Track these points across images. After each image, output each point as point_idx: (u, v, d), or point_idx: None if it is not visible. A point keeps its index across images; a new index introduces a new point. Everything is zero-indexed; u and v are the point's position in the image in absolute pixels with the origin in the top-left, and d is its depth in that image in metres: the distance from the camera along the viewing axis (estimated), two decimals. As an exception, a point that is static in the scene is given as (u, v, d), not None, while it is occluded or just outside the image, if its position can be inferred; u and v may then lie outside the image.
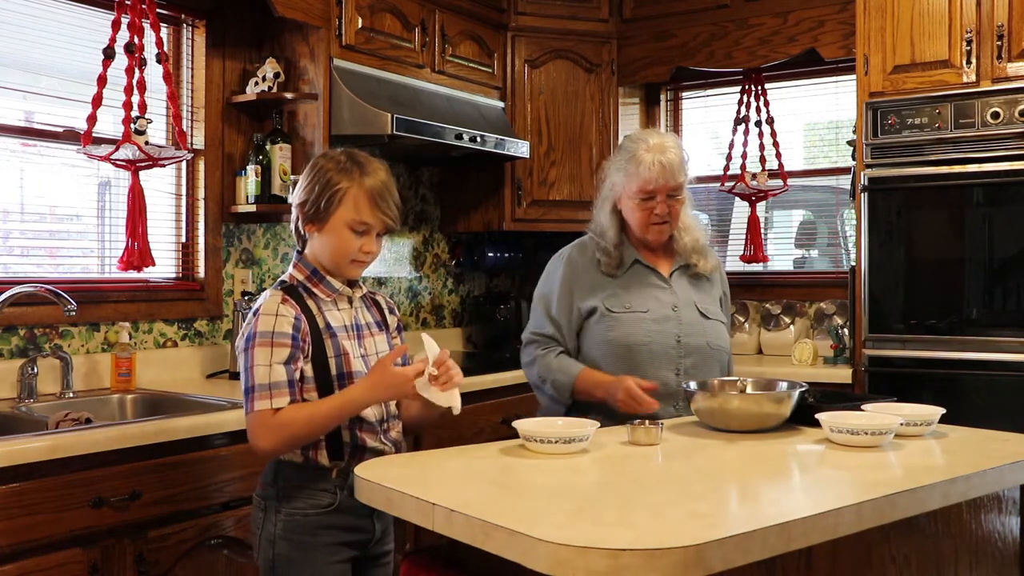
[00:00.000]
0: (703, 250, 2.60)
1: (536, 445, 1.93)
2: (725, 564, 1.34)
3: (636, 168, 2.46)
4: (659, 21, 4.29)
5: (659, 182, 2.44)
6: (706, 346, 2.51)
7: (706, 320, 2.54)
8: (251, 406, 1.93)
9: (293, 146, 3.35)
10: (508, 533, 1.39)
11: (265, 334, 1.95)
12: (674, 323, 2.49)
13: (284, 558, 1.99)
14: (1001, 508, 2.09)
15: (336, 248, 2.03)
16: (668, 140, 2.50)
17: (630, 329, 2.46)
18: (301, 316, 1.99)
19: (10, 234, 3.01)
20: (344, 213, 2.01)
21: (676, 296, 2.54)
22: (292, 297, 2.02)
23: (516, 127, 4.17)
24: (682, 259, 2.59)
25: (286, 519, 2.00)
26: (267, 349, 1.94)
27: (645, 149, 2.46)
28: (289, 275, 2.10)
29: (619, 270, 2.55)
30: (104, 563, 2.24)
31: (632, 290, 2.52)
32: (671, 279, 2.57)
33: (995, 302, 3.36)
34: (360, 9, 3.44)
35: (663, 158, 2.44)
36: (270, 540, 2.00)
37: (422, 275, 4.27)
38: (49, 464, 2.14)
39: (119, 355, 2.96)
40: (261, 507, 2.05)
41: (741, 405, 2.17)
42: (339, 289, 2.08)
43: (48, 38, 2.98)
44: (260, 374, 1.93)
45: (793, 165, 4.38)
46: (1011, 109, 3.26)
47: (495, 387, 3.46)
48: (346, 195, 2.00)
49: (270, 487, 2.04)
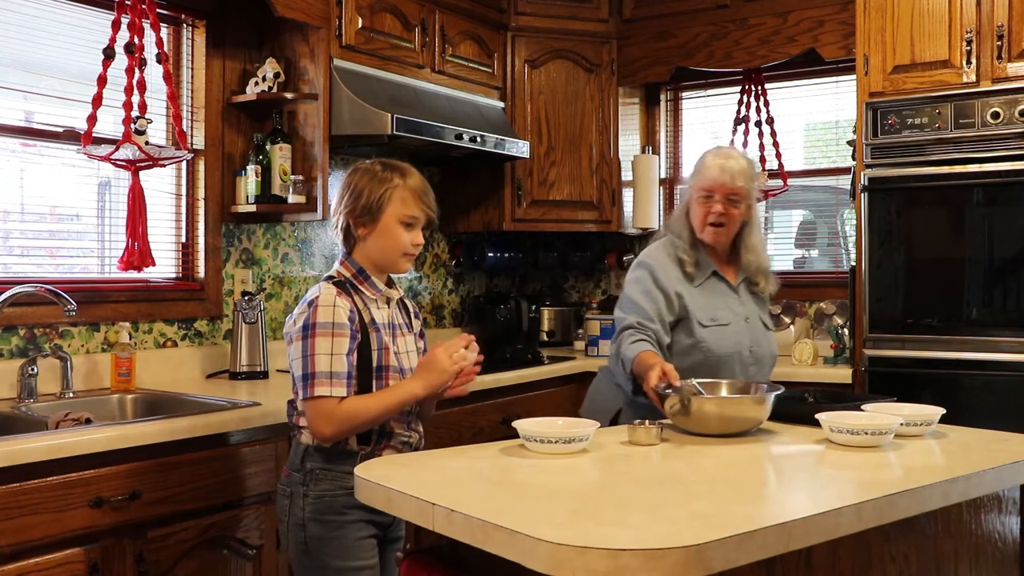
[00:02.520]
0: (766, 273, 2.76)
1: (536, 445, 1.93)
2: (725, 564, 1.34)
3: (701, 168, 2.67)
4: (659, 21, 4.29)
5: (718, 181, 2.60)
6: (768, 355, 2.71)
7: (767, 331, 2.74)
8: (311, 391, 2.04)
9: (293, 146, 3.35)
10: (508, 533, 1.39)
11: (326, 324, 2.07)
12: (748, 333, 2.65)
13: (316, 538, 2.10)
14: (1001, 508, 2.09)
15: (390, 244, 2.19)
16: (735, 151, 2.74)
17: (720, 341, 2.59)
18: (355, 308, 2.14)
19: (10, 234, 3.01)
20: (394, 210, 2.18)
21: (746, 307, 2.69)
22: (343, 291, 2.15)
23: (516, 127, 4.17)
24: (745, 273, 2.72)
25: (315, 501, 2.11)
26: (328, 339, 2.06)
27: (713, 155, 2.68)
28: (336, 271, 2.23)
29: (697, 271, 2.66)
30: (104, 563, 2.24)
31: (714, 301, 2.65)
32: (739, 290, 2.71)
33: (995, 302, 3.36)
34: (360, 9, 3.43)
35: (725, 162, 2.63)
36: (299, 524, 2.11)
37: (422, 275, 4.27)
38: (49, 464, 2.14)
39: (119, 355, 2.96)
40: (286, 494, 2.16)
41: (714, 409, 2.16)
42: (382, 289, 2.24)
43: (48, 38, 2.98)
44: (322, 362, 2.04)
45: (793, 165, 4.38)
46: (1011, 109, 3.26)
47: (495, 387, 3.46)
48: (394, 193, 2.18)
49: (296, 472, 2.15)
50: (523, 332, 4.26)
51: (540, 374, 3.74)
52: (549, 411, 3.13)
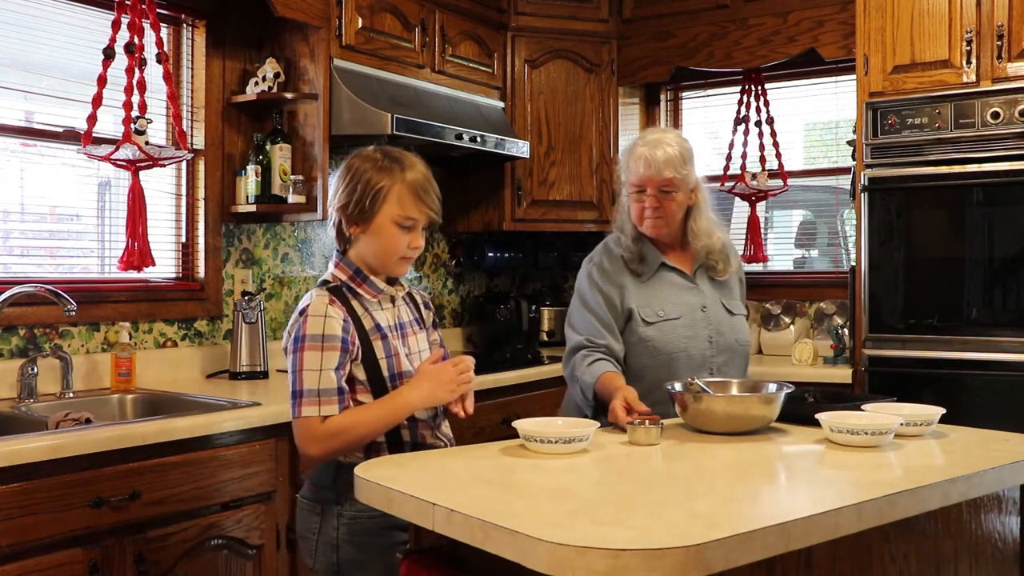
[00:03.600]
0: (721, 254, 2.59)
1: (536, 445, 1.93)
2: (725, 564, 1.33)
3: (628, 161, 2.53)
4: (659, 21, 4.29)
5: (645, 175, 2.47)
6: (735, 343, 2.56)
7: (733, 317, 2.58)
8: (298, 411, 1.92)
9: (293, 146, 3.35)
10: (508, 533, 1.39)
11: (315, 337, 1.92)
12: (704, 325, 2.52)
13: (350, 562, 1.97)
14: (1001, 508, 2.09)
15: (383, 247, 2.01)
16: (667, 137, 2.52)
17: (668, 338, 2.48)
18: (348, 318, 1.97)
19: (10, 234, 3.01)
20: (389, 210, 1.99)
21: (703, 296, 2.56)
22: (338, 298, 1.99)
23: (516, 127, 4.17)
24: (700, 260, 2.59)
25: (350, 522, 1.97)
26: (317, 353, 1.92)
27: (641, 144, 2.51)
28: (331, 275, 2.06)
29: (643, 266, 2.54)
30: (104, 563, 2.24)
31: (661, 294, 2.53)
32: (695, 278, 2.58)
33: (995, 302, 3.36)
34: (360, 9, 3.43)
35: (651, 152, 2.46)
36: (331, 544, 1.98)
37: (422, 275, 4.27)
38: (49, 464, 2.14)
39: (119, 355, 2.95)
40: (316, 511, 2.02)
41: (727, 408, 2.15)
42: (383, 289, 2.06)
43: (48, 38, 2.98)
44: (309, 379, 1.91)
45: (793, 165, 4.38)
46: (1011, 109, 3.26)
47: (495, 387, 3.46)
48: (389, 192, 1.99)
49: (328, 490, 2.00)
50: (523, 332, 4.27)
51: (540, 374, 3.74)
52: (549, 411, 3.12)
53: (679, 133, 2.61)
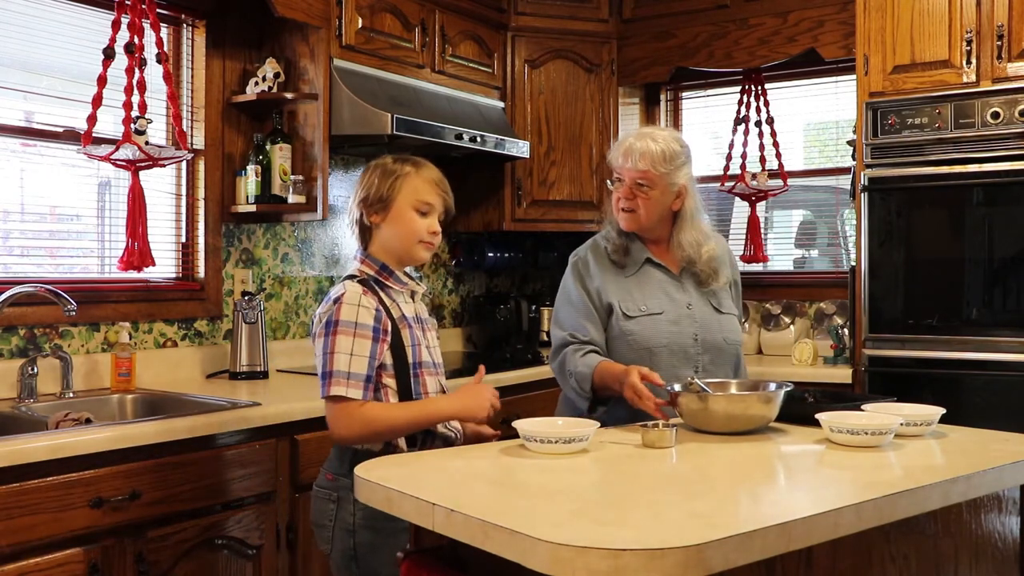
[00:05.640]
0: (709, 266, 2.50)
1: (536, 445, 1.93)
2: (725, 564, 1.33)
3: (614, 149, 2.51)
4: (659, 21, 4.30)
5: (623, 164, 2.44)
6: (723, 342, 2.49)
7: (720, 315, 2.51)
8: (327, 390, 2.01)
9: (293, 146, 3.35)
10: (508, 533, 1.39)
11: (348, 323, 2.02)
12: (689, 321, 2.46)
13: (366, 546, 2.05)
14: (1001, 508, 2.09)
15: (404, 231, 2.14)
16: (658, 133, 2.47)
17: (648, 332, 2.43)
18: (381, 308, 2.08)
19: (10, 234, 3.01)
20: (407, 196, 2.14)
21: (689, 294, 2.50)
22: (369, 289, 2.10)
23: (516, 127, 4.17)
24: (684, 265, 2.52)
25: (366, 507, 1.99)
26: (349, 338, 2.02)
27: (632, 135, 2.48)
28: (358, 270, 2.16)
29: (627, 259, 2.51)
30: (104, 563, 2.24)
31: (646, 290, 2.48)
32: (682, 275, 2.52)
33: (995, 302, 3.36)
34: (360, 9, 3.43)
35: (634, 143, 2.43)
36: (348, 530, 2.06)
37: (422, 275, 4.27)
38: (49, 464, 2.14)
39: (119, 355, 2.96)
40: (332, 498, 2.10)
41: (727, 407, 2.15)
42: (407, 283, 2.18)
43: (48, 38, 2.98)
44: (340, 361, 2.01)
45: (793, 165, 4.38)
46: (1011, 109, 3.26)
47: (495, 387, 3.44)
48: (407, 180, 2.15)
49: (344, 477, 2.05)
50: (523, 332, 4.27)
51: (540, 374, 3.73)
52: (549, 411, 3.12)
53: (677, 135, 2.53)
